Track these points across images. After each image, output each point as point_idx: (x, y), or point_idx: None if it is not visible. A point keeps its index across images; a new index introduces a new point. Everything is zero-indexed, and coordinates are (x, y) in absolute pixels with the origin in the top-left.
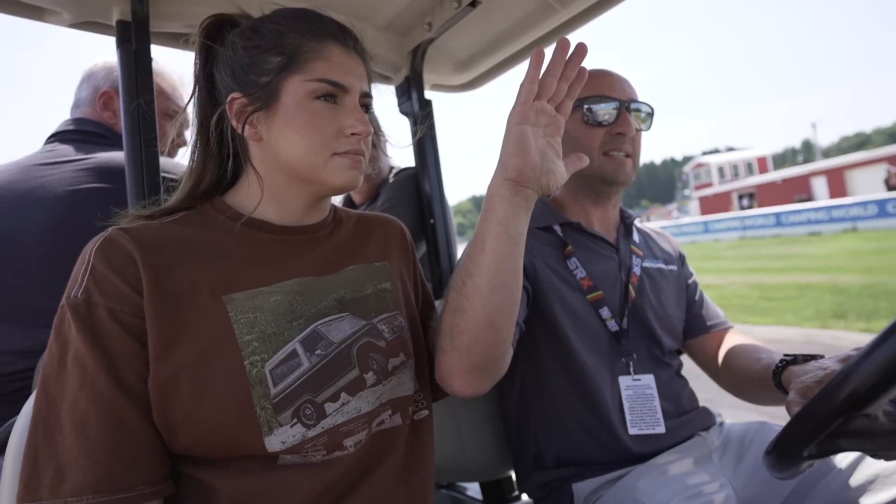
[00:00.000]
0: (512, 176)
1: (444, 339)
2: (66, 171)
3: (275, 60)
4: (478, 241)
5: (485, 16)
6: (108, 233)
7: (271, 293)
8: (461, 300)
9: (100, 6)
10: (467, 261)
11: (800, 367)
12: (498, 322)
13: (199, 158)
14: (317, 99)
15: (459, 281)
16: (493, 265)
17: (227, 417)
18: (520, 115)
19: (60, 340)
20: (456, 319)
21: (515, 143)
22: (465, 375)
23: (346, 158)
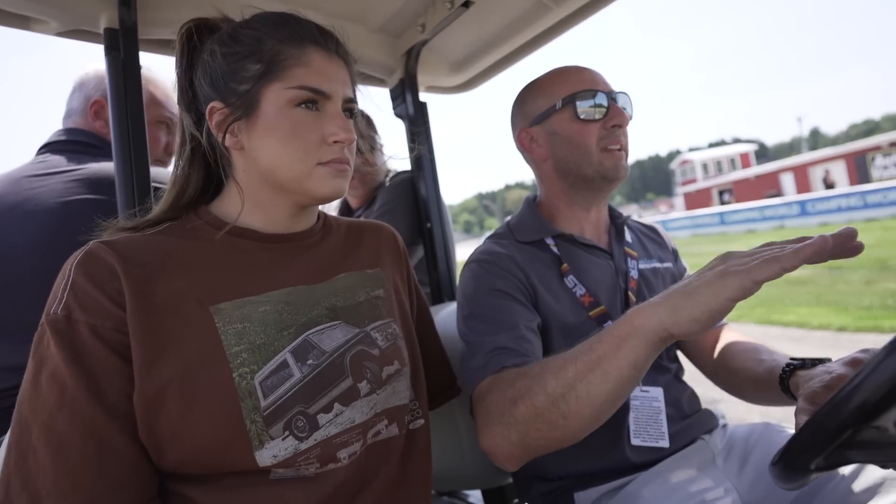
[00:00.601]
0: (678, 333)
1: (513, 430)
2: (57, 182)
3: (254, 68)
4: (600, 371)
5: (478, 16)
6: (89, 246)
7: (260, 303)
8: (557, 416)
9: (87, 14)
10: (578, 382)
11: (807, 371)
12: (584, 435)
13: (183, 167)
14: (298, 106)
15: (560, 396)
16: (609, 400)
17: (216, 432)
18: (743, 294)
19: (37, 359)
20: (540, 426)
21: (711, 315)
22: (523, 461)
23: (330, 168)
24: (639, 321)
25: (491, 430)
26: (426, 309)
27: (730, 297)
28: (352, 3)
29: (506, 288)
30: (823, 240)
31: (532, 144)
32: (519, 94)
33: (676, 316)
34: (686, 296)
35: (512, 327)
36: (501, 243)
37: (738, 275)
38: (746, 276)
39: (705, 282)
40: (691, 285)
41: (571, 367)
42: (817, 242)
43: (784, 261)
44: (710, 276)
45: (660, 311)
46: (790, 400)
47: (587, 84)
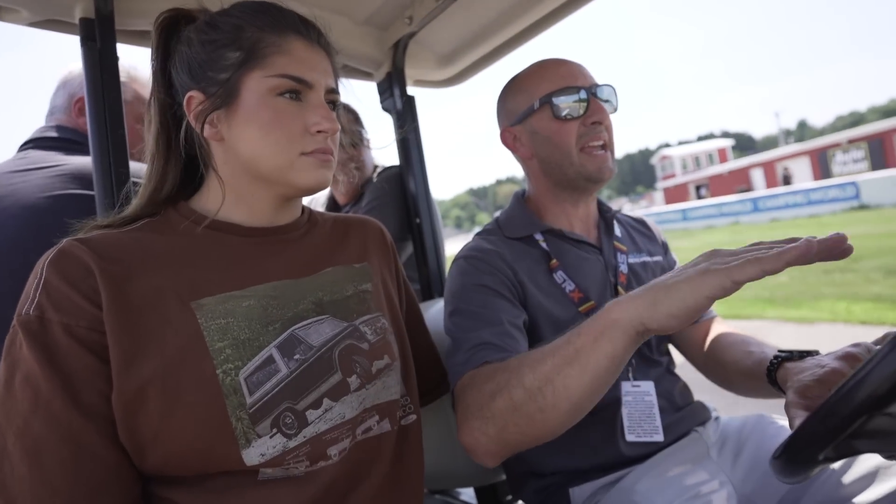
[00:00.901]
0: (655, 328)
1: (491, 425)
2: (39, 177)
3: (233, 56)
4: (577, 365)
5: (468, 7)
6: (62, 244)
7: (244, 297)
8: (534, 410)
9: (61, 3)
10: (556, 375)
11: (795, 364)
12: (562, 431)
13: (159, 161)
14: (279, 96)
15: (537, 389)
16: (586, 394)
17: (201, 431)
18: (722, 293)
19: (9, 361)
20: (517, 420)
21: (689, 311)
22: (502, 457)
23: (314, 157)
24: (616, 314)
25: (469, 425)
26: (415, 304)
27: (708, 296)
28: None
29: (492, 284)
30: (808, 244)
31: (516, 143)
32: (502, 91)
33: (654, 310)
34: (665, 290)
35: (496, 323)
36: (490, 239)
37: (718, 273)
38: (726, 275)
39: (686, 278)
40: (671, 280)
41: (549, 361)
42: (801, 247)
43: (766, 263)
44: (692, 273)
45: (638, 305)
46: (778, 392)
47: (565, 80)
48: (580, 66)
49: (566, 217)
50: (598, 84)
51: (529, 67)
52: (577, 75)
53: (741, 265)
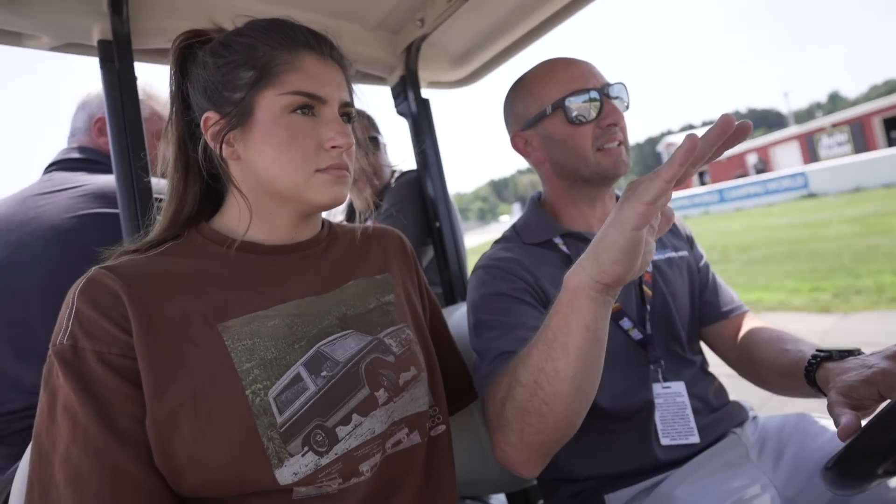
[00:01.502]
0: (608, 281)
1: (510, 432)
2: (63, 198)
3: (247, 75)
4: (558, 345)
5: (478, 8)
6: (90, 273)
7: (268, 317)
8: (538, 404)
9: (80, 27)
10: (544, 363)
11: (837, 364)
12: (578, 419)
13: (179, 183)
14: (293, 112)
15: (532, 382)
16: (579, 371)
17: (234, 452)
18: (641, 219)
19: (49, 391)
20: (529, 420)
21: (625, 250)
22: (536, 464)
23: (329, 174)
24: (572, 283)
25: (496, 439)
26: (439, 312)
27: (632, 227)
28: (347, 2)
29: (510, 291)
30: (690, 139)
31: (527, 148)
32: (509, 94)
33: (599, 264)
34: (600, 241)
35: (515, 328)
36: (508, 247)
37: (629, 202)
38: (637, 201)
39: (611, 221)
40: (603, 230)
41: (534, 352)
42: (685, 144)
43: (663, 173)
44: (613, 215)
45: (585, 266)
46: (817, 393)
47: (577, 83)
48: (590, 66)
49: (584, 218)
50: (609, 83)
51: (537, 70)
52: (588, 76)
53: (645, 185)
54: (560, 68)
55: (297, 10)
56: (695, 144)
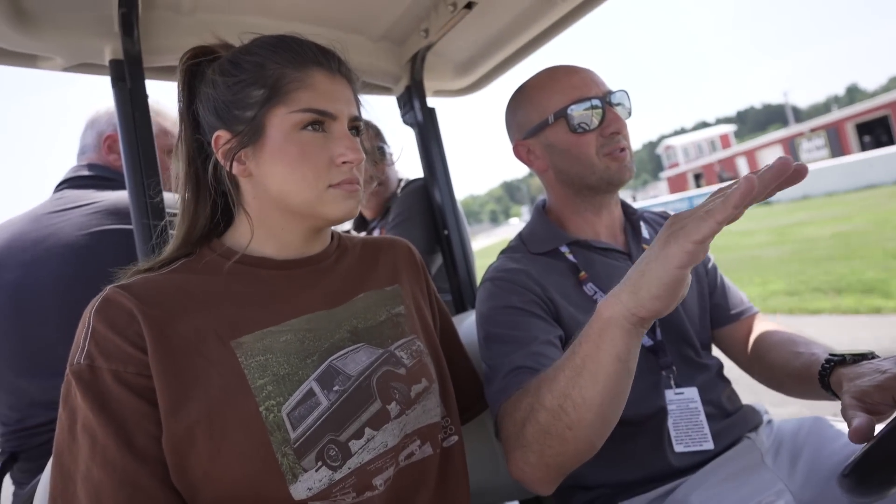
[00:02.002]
0: (645, 315)
1: (529, 453)
2: (77, 215)
3: (257, 94)
4: (587, 374)
5: (482, 16)
6: (105, 292)
7: (280, 332)
8: (562, 429)
9: (92, 47)
10: (571, 389)
11: (850, 368)
12: (600, 442)
13: (191, 201)
14: (304, 129)
15: (557, 407)
16: (606, 400)
17: (248, 469)
18: (688, 259)
19: (68, 410)
20: (550, 443)
21: (668, 287)
22: (554, 482)
23: (341, 189)
24: (607, 313)
25: (513, 457)
26: (449, 321)
27: (677, 266)
28: (352, 14)
29: (520, 304)
30: (748, 181)
31: (530, 156)
32: (510, 102)
33: (638, 298)
34: (640, 275)
35: (528, 343)
36: (514, 257)
37: (678, 241)
38: (686, 240)
39: (654, 255)
40: (643, 262)
41: (561, 377)
42: (742, 186)
43: (717, 214)
44: (657, 249)
45: (622, 298)
46: (831, 397)
47: (578, 92)
48: (591, 74)
49: (590, 226)
50: (611, 91)
51: (538, 78)
52: (590, 84)
53: (695, 224)
54: (561, 76)
55: (303, 24)
56: (752, 186)
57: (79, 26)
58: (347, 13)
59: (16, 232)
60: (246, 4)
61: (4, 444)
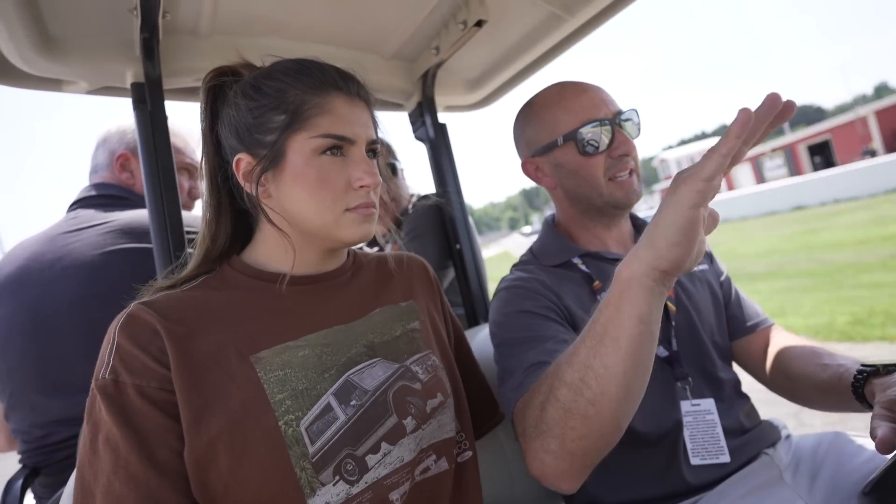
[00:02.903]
0: (666, 267)
1: (550, 439)
2: (92, 235)
3: (278, 119)
4: (609, 339)
5: (492, 33)
6: (130, 308)
7: (298, 347)
8: (584, 405)
9: (114, 71)
10: (592, 359)
11: (883, 379)
12: (625, 422)
13: (212, 220)
14: (323, 154)
15: (579, 380)
16: (630, 368)
17: (267, 483)
18: (699, 197)
19: (92, 424)
20: (573, 423)
21: (684, 231)
22: (577, 477)
23: (357, 213)
24: (626, 273)
25: (532, 448)
26: (463, 337)
27: (690, 205)
28: (365, 34)
29: (535, 308)
30: (745, 113)
31: (538, 174)
32: (518, 117)
33: (656, 248)
34: (655, 226)
35: (543, 341)
36: (528, 269)
37: (686, 181)
38: (694, 178)
39: (665, 203)
40: (656, 214)
41: (582, 347)
42: (740, 117)
43: (720, 147)
44: (668, 196)
45: (640, 254)
46: (865, 409)
47: (588, 113)
48: (601, 92)
49: (600, 240)
50: (620, 111)
51: (548, 95)
52: (599, 105)
53: (701, 163)
54: (570, 96)
55: (317, 44)
56: (749, 117)
57: (102, 51)
58: (361, 33)
59: (33, 253)
60: (262, 27)
61: (26, 459)
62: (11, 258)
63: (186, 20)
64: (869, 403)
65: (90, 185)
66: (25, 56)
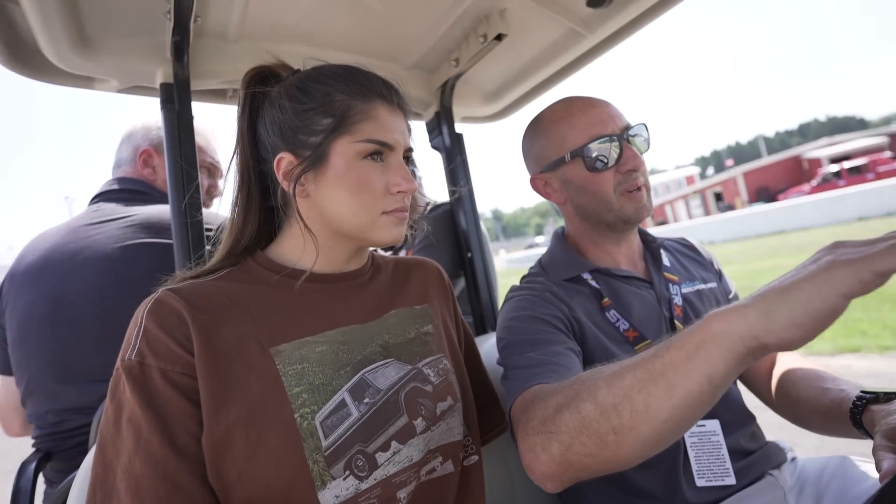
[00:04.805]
0: (772, 343)
1: (554, 442)
2: (113, 228)
3: (324, 122)
4: (664, 382)
5: (511, 47)
6: (158, 294)
7: (317, 343)
8: (606, 430)
9: (145, 71)
10: (636, 393)
11: (882, 406)
12: (636, 461)
13: (241, 215)
14: (365, 158)
15: (611, 406)
16: (674, 420)
17: (280, 473)
18: (861, 289)
19: (116, 403)
20: (584, 440)
21: (817, 317)
22: (566, 483)
23: (393, 216)
24: (719, 326)
25: (531, 441)
26: (473, 344)
27: (843, 293)
28: (388, 44)
29: (543, 315)
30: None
31: (547, 189)
32: (527, 133)
33: (770, 319)
34: (783, 294)
35: (547, 344)
36: (538, 280)
37: (852, 265)
38: (865, 265)
39: (809, 275)
40: (789, 281)
41: (629, 375)
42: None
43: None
44: (815, 269)
45: (748, 315)
46: (863, 436)
47: (596, 129)
48: (609, 108)
49: (610, 256)
50: (629, 125)
51: (555, 111)
52: (607, 120)
53: (886, 251)
54: (578, 112)
55: (341, 52)
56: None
57: (135, 52)
58: (383, 43)
59: (55, 243)
60: (289, 33)
61: (40, 444)
62: (33, 248)
63: (216, 24)
64: (867, 431)
65: (113, 178)
66: (62, 54)
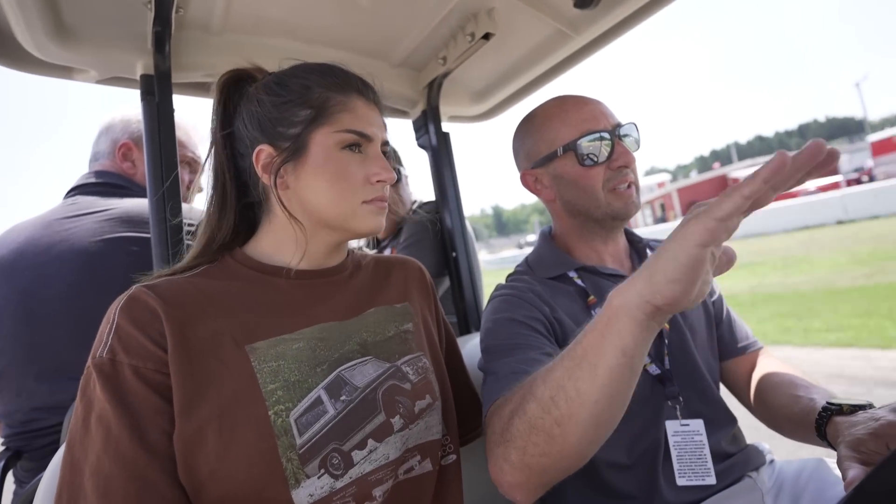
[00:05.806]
0: (660, 303)
1: (511, 449)
2: (90, 221)
3: (303, 114)
4: (586, 365)
5: (499, 47)
6: (132, 291)
7: (293, 340)
8: (550, 423)
9: (125, 62)
10: (566, 381)
11: (846, 418)
12: (589, 451)
13: (215, 213)
14: (344, 149)
15: (549, 399)
16: (603, 398)
17: (254, 471)
18: (709, 236)
19: (86, 401)
20: (535, 439)
21: (685, 268)
22: (533, 491)
23: (373, 205)
24: (618, 300)
25: (494, 454)
26: (454, 343)
27: (697, 243)
28: (375, 41)
29: (523, 318)
30: (781, 156)
31: (537, 185)
32: (518, 130)
33: (653, 282)
34: (657, 257)
35: (525, 350)
36: (523, 279)
37: (699, 218)
38: (707, 216)
39: (671, 236)
40: (661, 246)
41: (559, 367)
42: (775, 160)
43: (743, 188)
44: (676, 229)
45: (637, 284)
46: (827, 447)
47: (588, 125)
48: (601, 105)
49: (596, 254)
50: (620, 124)
51: (548, 108)
52: (599, 117)
53: (719, 201)
54: (571, 108)
55: (327, 48)
56: (785, 162)
57: (114, 42)
58: (370, 39)
59: (28, 237)
60: (273, 28)
61: (10, 442)
62: (6, 241)
63: (199, 17)
64: (831, 444)
65: (90, 171)
66: (39, 43)
